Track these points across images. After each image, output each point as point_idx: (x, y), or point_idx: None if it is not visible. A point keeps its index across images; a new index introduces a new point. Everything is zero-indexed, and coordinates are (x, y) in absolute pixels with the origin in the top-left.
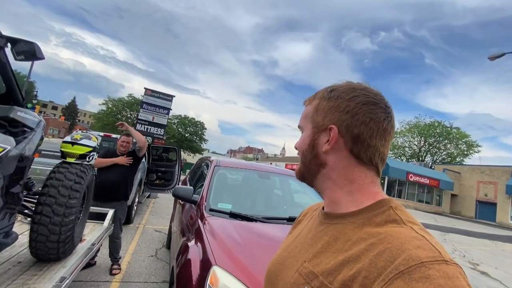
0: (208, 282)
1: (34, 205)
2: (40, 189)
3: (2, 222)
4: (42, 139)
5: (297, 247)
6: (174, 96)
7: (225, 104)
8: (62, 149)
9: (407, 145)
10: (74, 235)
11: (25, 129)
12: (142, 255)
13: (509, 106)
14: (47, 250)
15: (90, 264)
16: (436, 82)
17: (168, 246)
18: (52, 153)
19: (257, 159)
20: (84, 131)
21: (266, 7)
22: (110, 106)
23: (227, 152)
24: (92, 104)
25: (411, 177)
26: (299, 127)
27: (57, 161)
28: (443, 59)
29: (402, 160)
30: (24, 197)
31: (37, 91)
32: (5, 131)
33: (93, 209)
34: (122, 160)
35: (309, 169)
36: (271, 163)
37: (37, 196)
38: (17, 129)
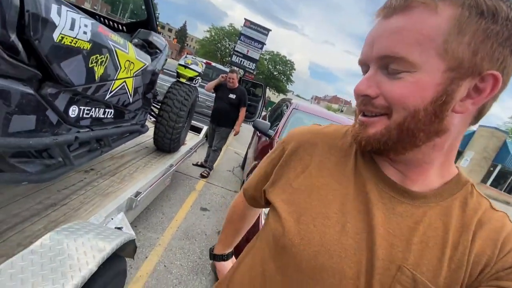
0: None
1: (157, 110)
2: (161, 98)
3: (140, 116)
4: (166, 60)
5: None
6: (270, 30)
7: (321, 44)
8: (178, 71)
9: None
10: (180, 138)
11: (157, 50)
12: (223, 169)
13: None
14: (163, 143)
15: (203, 166)
16: None
17: (243, 167)
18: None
19: (341, 111)
20: (191, 56)
21: None
22: (213, 34)
23: (311, 98)
24: (199, 31)
25: None
26: (390, 57)
27: (172, 79)
28: None
29: None
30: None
31: (158, 14)
32: (146, 51)
33: (193, 123)
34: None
35: (414, 136)
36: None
37: (160, 104)
38: (152, 50)
